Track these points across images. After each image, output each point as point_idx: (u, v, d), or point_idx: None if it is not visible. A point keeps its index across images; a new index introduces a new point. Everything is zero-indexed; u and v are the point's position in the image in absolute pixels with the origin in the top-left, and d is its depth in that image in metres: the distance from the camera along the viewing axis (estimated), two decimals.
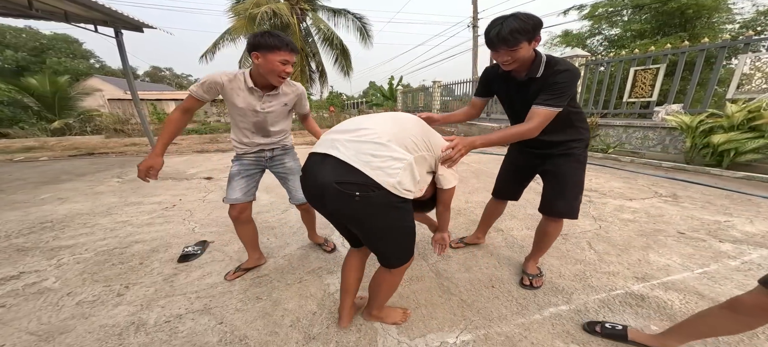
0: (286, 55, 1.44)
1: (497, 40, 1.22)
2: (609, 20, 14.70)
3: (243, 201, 1.74)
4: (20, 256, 2.17)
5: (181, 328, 1.44)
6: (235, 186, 1.71)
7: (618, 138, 5.61)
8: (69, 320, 1.50)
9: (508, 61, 1.29)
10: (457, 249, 2.20)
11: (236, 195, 1.71)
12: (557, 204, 1.60)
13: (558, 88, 1.29)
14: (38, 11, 4.92)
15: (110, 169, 5.12)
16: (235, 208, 1.74)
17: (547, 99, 1.30)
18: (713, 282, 1.75)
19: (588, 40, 15.74)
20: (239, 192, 1.72)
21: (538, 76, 1.34)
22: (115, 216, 2.90)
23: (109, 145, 7.87)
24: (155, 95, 21.83)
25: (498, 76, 1.54)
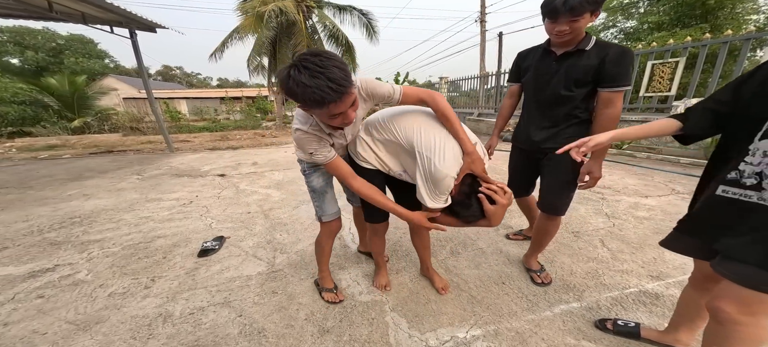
0: (336, 106, 0.98)
1: (563, 7, 1.21)
2: (625, 12, 14.26)
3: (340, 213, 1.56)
4: (54, 250, 2.31)
5: (204, 320, 1.52)
6: (330, 198, 1.50)
7: None
8: (103, 310, 1.60)
9: (565, 32, 1.28)
10: (515, 240, 2.29)
11: (336, 207, 1.52)
12: (551, 201, 1.61)
13: (622, 64, 1.30)
14: (57, 13, 5.11)
15: (130, 166, 5.32)
16: (338, 222, 1.55)
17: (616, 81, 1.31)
18: None
19: (601, 33, 15.33)
20: (336, 203, 1.54)
21: (587, 49, 1.34)
22: (137, 212, 3.03)
23: (127, 143, 8.14)
24: (168, 93, 22.39)
25: (533, 55, 1.57)
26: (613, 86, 1.32)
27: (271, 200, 3.27)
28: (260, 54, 9.64)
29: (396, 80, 15.11)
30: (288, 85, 0.94)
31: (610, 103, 1.35)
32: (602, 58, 1.31)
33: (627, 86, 1.33)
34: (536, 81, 1.53)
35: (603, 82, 1.34)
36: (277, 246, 2.27)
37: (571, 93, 1.41)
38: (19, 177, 4.74)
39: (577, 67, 1.36)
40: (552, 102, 1.47)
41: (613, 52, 1.31)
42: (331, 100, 0.94)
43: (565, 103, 1.44)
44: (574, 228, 2.44)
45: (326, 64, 0.92)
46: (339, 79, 0.93)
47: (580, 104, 1.43)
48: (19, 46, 26.21)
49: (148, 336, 1.41)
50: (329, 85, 0.91)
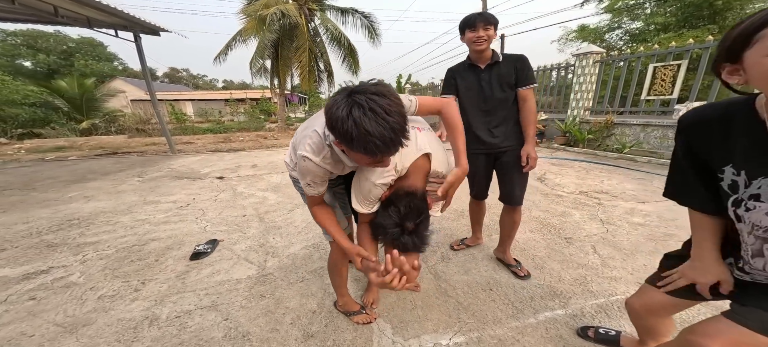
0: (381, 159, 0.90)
1: (480, 17, 1.63)
2: (630, 13, 14.10)
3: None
4: (50, 252, 2.35)
5: (189, 323, 1.54)
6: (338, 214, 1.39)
7: (635, 137, 5.41)
8: (91, 313, 1.63)
9: (482, 38, 1.62)
10: (458, 250, 2.22)
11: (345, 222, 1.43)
12: (515, 193, 1.85)
13: (529, 70, 1.71)
14: (63, 17, 5.22)
15: (132, 168, 5.39)
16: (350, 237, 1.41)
17: (530, 82, 1.71)
18: None
19: (606, 35, 15.18)
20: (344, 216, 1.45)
21: (501, 61, 1.71)
22: (135, 215, 3.07)
23: (132, 145, 8.26)
24: (173, 95, 22.70)
25: (461, 71, 1.84)
26: (526, 84, 1.71)
27: (267, 203, 3.30)
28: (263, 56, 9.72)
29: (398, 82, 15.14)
30: (343, 126, 0.79)
31: (527, 98, 1.72)
32: (514, 65, 1.70)
33: (532, 84, 1.72)
34: (479, 90, 1.78)
35: (519, 83, 1.71)
36: (270, 249, 2.28)
37: (505, 94, 1.73)
38: (25, 178, 4.83)
39: (500, 75, 1.71)
40: (496, 105, 1.76)
41: (519, 59, 1.72)
42: (386, 152, 0.82)
43: (505, 104, 1.75)
44: (567, 234, 2.42)
45: (392, 111, 0.79)
46: (401, 129, 0.81)
47: (513, 105, 1.76)
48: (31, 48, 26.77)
49: (133, 340, 1.43)
50: (392, 137, 0.79)
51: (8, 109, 13.91)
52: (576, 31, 15.61)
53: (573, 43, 16.12)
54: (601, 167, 4.61)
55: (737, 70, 0.63)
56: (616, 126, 5.63)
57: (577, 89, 6.22)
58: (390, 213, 1.03)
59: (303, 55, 9.25)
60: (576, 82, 6.21)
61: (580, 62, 6.08)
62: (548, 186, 3.69)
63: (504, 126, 1.78)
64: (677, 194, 0.87)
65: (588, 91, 6.11)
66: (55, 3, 4.73)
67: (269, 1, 9.35)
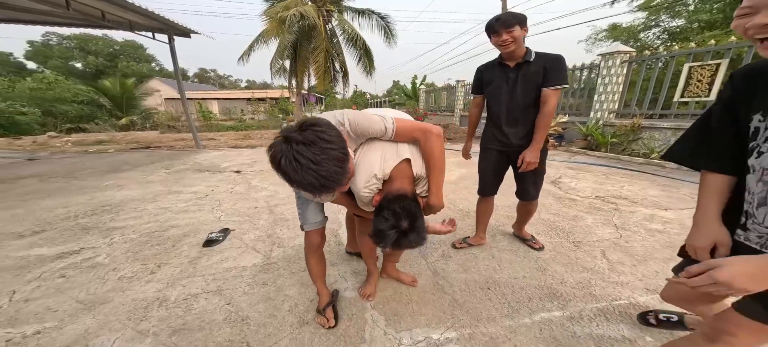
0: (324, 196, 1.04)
1: (497, 23, 1.59)
2: (670, 10, 13.20)
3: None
4: (83, 234, 2.57)
5: (195, 306, 1.64)
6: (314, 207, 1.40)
7: (665, 141, 5.09)
8: (110, 292, 1.77)
9: (507, 41, 1.59)
10: (460, 249, 2.21)
11: (319, 217, 1.43)
12: (529, 190, 1.96)
13: (559, 71, 1.64)
14: (109, 22, 5.71)
15: (161, 161, 5.76)
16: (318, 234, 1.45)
17: (553, 82, 1.64)
18: None
19: (642, 34, 14.30)
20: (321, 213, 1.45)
21: (532, 60, 1.66)
22: (159, 203, 3.29)
23: (163, 140, 8.81)
24: (201, 94, 23.98)
25: (491, 69, 1.84)
26: (552, 85, 1.65)
27: (278, 197, 3.42)
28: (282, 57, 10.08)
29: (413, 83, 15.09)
30: (277, 171, 0.89)
31: (548, 100, 1.67)
32: (544, 65, 1.65)
33: (558, 85, 1.65)
34: (503, 89, 1.77)
35: (546, 83, 1.66)
36: (276, 240, 2.38)
37: (529, 95, 1.71)
38: (68, 168, 5.29)
39: (529, 74, 1.68)
40: (518, 105, 1.75)
41: (552, 59, 1.66)
42: (319, 193, 0.93)
43: (527, 105, 1.73)
44: (577, 238, 2.33)
45: (320, 160, 0.85)
46: (332, 175, 0.87)
47: (536, 106, 1.73)
48: (83, 51, 29.23)
49: (142, 318, 1.54)
50: (321, 182, 0.86)
51: (60, 106, 15.30)
52: (606, 30, 14.85)
53: (603, 42, 15.35)
54: (623, 172, 4.37)
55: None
56: (644, 130, 5.32)
57: (601, 90, 5.93)
58: (384, 217, 1.06)
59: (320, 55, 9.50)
60: (600, 83, 5.92)
61: (606, 62, 5.80)
62: (562, 190, 3.56)
63: (523, 126, 1.78)
64: (692, 155, 0.87)
65: (614, 93, 5.81)
66: (103, 8, 5.18)
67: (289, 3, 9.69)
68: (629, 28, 14.58)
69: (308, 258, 1.51)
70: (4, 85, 16.75)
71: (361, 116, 1.14)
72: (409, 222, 1.05)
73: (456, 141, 8.00)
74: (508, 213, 2.74)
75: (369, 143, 1.21)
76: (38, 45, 29.16)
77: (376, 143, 1.21)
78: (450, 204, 3.15)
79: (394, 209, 1.06)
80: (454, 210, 3.01)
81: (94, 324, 1.50)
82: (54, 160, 6.20)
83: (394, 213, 1.05)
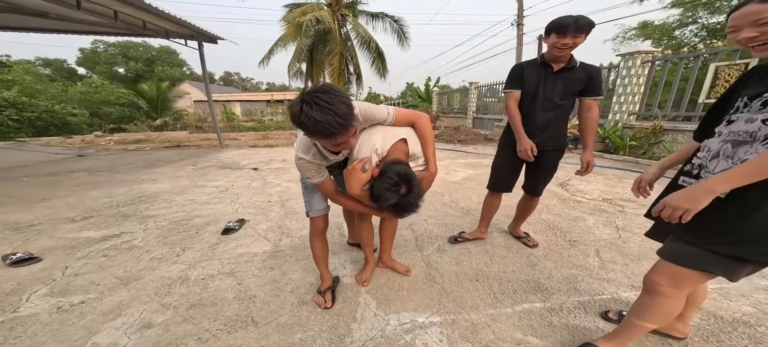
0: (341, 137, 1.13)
1: (575, 24, 1.55)
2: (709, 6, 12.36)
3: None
4: (123, 220, 2.91)
5: (211, 285, 1.87)
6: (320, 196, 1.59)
7: None
8: (142, 270, 2.04)
9: (568, 45, 1.61)
10: (459, 243, 2.31)
11: (324, 205, 1.62)
12: (540, 187, 2.05)
13: (600, 83, 1.79)
14: (149, 30, 6.26)
15: (189, 159, 6.24)
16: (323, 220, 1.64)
17: (599, 93, 1.79)
18: (725, 299, 1.60)
19: (677, 31, 13.49)
20: (326, 201, 1.62)
21: (578, 66, 1.73)
22: (186, 195, 3.63)
23: (191, 139, 9.45)
24: (226, 97, 25.29)
25: (530, 68, 1.85)
26: (595, 95, 1.78)
27: (290, 192, 3.66)
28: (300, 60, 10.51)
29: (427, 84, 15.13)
30: (300, 119, 1.04)
31: (593, 108, 1.81)
32: (589, 74, 1.74)
33: (600, 96, 1.80)
34: (541, 89, 1.80)
35: (588, 93, 1.77)
36: (285, 230, 2.60)
37: (565, 100, 1.79)
38: (111, 164, 5.86)
39: (570, 80, 1.74)
40: (552, 108, 1.80)
41: (596, 70, 1.76)
42: (338, 133, 1.07)
43: (562, 109, 1.81)
44: (573, 238, 2.37)
45: (334, 101, 1.04)
46: (345, 114, 1.06)
47: (567, 110, 1.83)
48: (125, 57, 31.64)
49: (166, 293, 1.78)
50: (337, 120, 1.04)
51: (105, 108, 16.71)
52: (636, 29, 14.14)
53: (633, 41, 14.63)
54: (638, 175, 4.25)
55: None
56: (666, 132, 5.11)
57: (620, 92, 5.75)
58: (384, 180, 1.22)
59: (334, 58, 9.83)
60: (620, 83, 5.75)
61: (626, 63, 5.62)
62: (569, 192, 3.55)
63: (552, 129, 1.85)
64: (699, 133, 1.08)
65: (634, 94, 5.62)
66: (144, 18, 5.74)
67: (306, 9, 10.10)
68: (662, 26, 13.81)
69: (313, 242, 1.69)
70: (58, 90, 18.54)
71: (369, 104, 1.37)
72: (407, 184, 1.22)
73: (467, 143, 7.99)
74: (507, 213, 2.80)
75: (371, 128, 1.42)
76: (87, 52, 31.88)
77: (378, 127, 1.43)
78: (451, 203, 3.25)
79: (393, 172, 1.23)
80: (454, 208, 3.10)
81: (128, 297, 1.75)
82: (99, 156, 6.86)
83: (392, 176, 1.22)
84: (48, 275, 1.95)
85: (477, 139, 8.42)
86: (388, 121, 1.43)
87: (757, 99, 0.83)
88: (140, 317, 1.56)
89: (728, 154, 0.86)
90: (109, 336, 1.42)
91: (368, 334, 1.47)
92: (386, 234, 1.92)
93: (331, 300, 1.68)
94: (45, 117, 13.08)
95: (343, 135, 1.11)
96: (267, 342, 1.41)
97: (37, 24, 6.41)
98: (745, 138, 0.82)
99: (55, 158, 6.61)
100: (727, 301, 1.61)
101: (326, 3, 10.06)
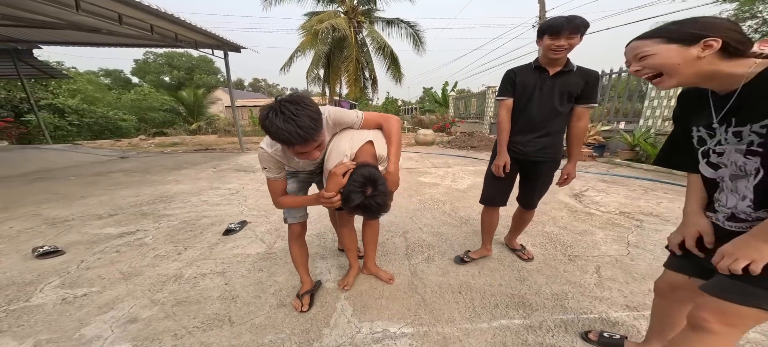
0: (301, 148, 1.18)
1: (568, 25, 1.45)
2: None
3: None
4: (141, 218, 3.15)
5: (200, 283, 1.96)
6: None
7: None
8: (144, 267, 2.18)
9: (563, 47, 1.50)
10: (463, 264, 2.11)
11: (302, 212, 1.67)
12: (535, 200, 1.95)
13: (596, 90, 1.67)
14: (181, 42, 6.80)
15: (212, 161, 6.62)
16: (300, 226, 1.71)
17: (592, 101, 1.67)
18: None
19: None
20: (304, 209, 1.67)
21: (575, 70, 1.62)
22: (201, 197, 3.85)
23: (219, 143, 10.04)
24: (252, 102, 26.77)
25: (524, 73, 1.73)
26: (589, 103, 1.66)
27: None
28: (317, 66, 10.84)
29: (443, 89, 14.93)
30: (264, 123, 1.11)
31: (583, 117, 1.70)
32: (586, 80, 1.61)
33: (593, 104, 1.68)
34: (537, 95, 1.68)
35: (582, 100, 1.65)
36: (281, 234, 2.67)
37: (563, 106, 1.66)
38: (146, 165, 6.38)
39: (568, 85, 1.62)
40: (549, 115, 1.68)
41: (593, 75, 1.63)
42: (297, 142, 1.13)
43: (559, 116, 1.69)
44: (575, 252, 2.22)
45: (299, 113, 1.10)
46: (307, 127, 1.11)
47: (566, 118, 1.72)
48: (170, 66, 34.46)
49: (158, 290, 1.89)
50: (298, 131, 1.09)
51: (150, 114, 18.26)
52: None
53: None
54: (668, 187, 3.88)
55: None
56: None
57: (653, 95, 5.29)
58: (351, 182, 1.26)
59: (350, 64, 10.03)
60: (652, 87, 5.28)
61: None
62: (582, 203, 3.31)
63: (548, 138, 1.72)
64: (668, 158, 1.05)
65: (670, 98, 5.15)
66: (176, 31, 6.26)
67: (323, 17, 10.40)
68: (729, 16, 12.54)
69: (291, 246, 1.73)
70: (113, 97, 20.59)
71: (338, 110, 1.43)
72: (372, 185, 1.25)
73: (480, 149, 7.74)
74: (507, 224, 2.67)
75: (341, 133, 1.48)
76: (140, 62, 35.13)
77: (346, 132, 1.48)
78: (451, 211, 3.17)
79: (358, 174, 1.27)
80: (454, 217, 3.01)
81: (124, 292, 1.88)
82: (139, 158, 7.49)
83: (357, 178, 1.25)
84: (64, 268, 2.16)
85: (491, 145, 8.15)
86: (356, 125, 1.49)
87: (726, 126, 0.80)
88: (129, 311, 1.67)
89: (731, 188, 0.84)
90: (96, 328, 1.54)
91: (337, 341, 1.47)
92: (368, 241, 1.92)
93: (307, 305, 1.70)
94: (101, 122, 14.59)
95: (302, 146, 1.15)
96: (238, 342, 1.46)
97: (91, 39, 7.25)
98: (736, 172, 0.81)
99: (103, 159, 7.30)
100: None
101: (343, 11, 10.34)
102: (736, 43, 0.74)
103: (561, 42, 1.48)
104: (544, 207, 3.14)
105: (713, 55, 0.74)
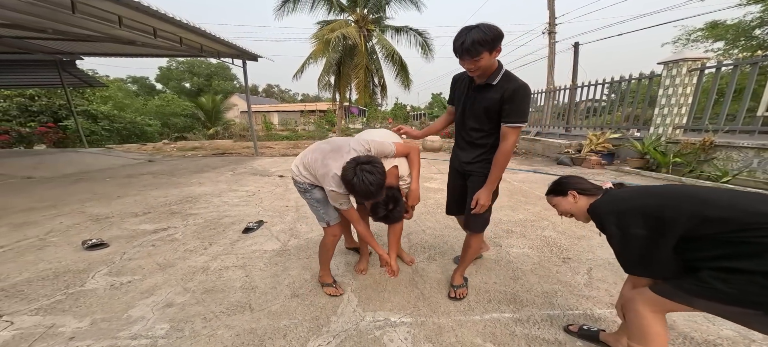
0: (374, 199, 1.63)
1: (461, 50, 1.35)
2: None
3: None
4: (171, 217, 3.46)
5: (225, 275, 2.20)
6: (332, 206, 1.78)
7: (746, 163, 4.32)
8: (176, 259, 2.45)
9: (472, 69, 1.43)
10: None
11: (337, 213, 1.83)
12: (470, 221, 1.76)
13: (518, 106, 1.45)
14: (205, 52, 7.24)
15: (229, 165, 7.00)
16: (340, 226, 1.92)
17: (513, 119, 1.46)
18: (708, 321, 1.53)
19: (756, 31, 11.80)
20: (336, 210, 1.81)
21: (494, 84, 1.46)
22: (222, 198, 4.15)
23: (235, 147, 10.49)
24: (266, 107, 27.90)
25: (462, 80, 1.70)
26: (508, 122, 1.47)
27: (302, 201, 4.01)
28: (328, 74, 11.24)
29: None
30: (353, 182, 1.46)
31: (506, 137, 1.51)
32: (501, 96, 1.44)
33: (518, 123, 1.45)
34: (464, 106, 1.67)
35: (501, 117, 1.49)
36: (295, 233, 2.90)
37: (480, 120, 1.59)
38: (171, 167, 6.81)
39: (485, 99, 1.51)
40: (472, 126, 1.66)
41: (511, 91, 1.42)
42: (375, 197, 1.55)
43: (478, 130, 1.64)
44: (569, 255, 2.34)
45: (372, 180, 1.46)
46: (376, 187, 1.48)
47: (492, 132, 1.59)
48: (191, 73, 36.03)
49: (189, 280, 2.14)
50: (372, 191, 1.48)
51: (172, 119, 19.16)
52: (703, 30, 12.65)
53: (698, 43, 13.09)
54: None
55: None
56: (719, 148, 4.59)
57: (664, 103, 5.28)
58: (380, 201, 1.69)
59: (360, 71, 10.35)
60: (663, 94, 5.28)
61: (669, 71, 5.16)
62: None
63: (474, 150, 1.69)
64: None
65: (680, 106, 5.12)
66: (202, 42, 6.70)
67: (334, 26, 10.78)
68: (738, 25, 12.19)
69: (329, 246, 1.92)
70: (140, 104, 21.75)
71: (380, 143, 1.77)
72: (394, 203, 1.72)
73: None
74: (507, 227, 2.82)
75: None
76: (164, 70, 36.89)
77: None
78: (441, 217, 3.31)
79: (386, 196, 1.67)
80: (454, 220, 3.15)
81: (161, 280, 2.14)
82: (164, 161, 7.97)
83: (385, 199, 1.69)
84: (110, 259, 2.45)
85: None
86: (391, 154, 1.80)
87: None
88: (166, 297, 1.93)
89: None
90: (140, 310, 1.79)
91: (344, 327, 1.67)
92: (393, 237, 2.02)
93: (341, 288, 1.99)
94: (129, 127, 15.48)
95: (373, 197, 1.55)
96: (257, 325, 1.68)
97: (126, 50, 7.85)
98: None
99: (132, 163, 7.81)
100: (708, 324, 1.53)
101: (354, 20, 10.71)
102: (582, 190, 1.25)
103: (468, 66, 1.41)
104: (545, 213, 3.26)
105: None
